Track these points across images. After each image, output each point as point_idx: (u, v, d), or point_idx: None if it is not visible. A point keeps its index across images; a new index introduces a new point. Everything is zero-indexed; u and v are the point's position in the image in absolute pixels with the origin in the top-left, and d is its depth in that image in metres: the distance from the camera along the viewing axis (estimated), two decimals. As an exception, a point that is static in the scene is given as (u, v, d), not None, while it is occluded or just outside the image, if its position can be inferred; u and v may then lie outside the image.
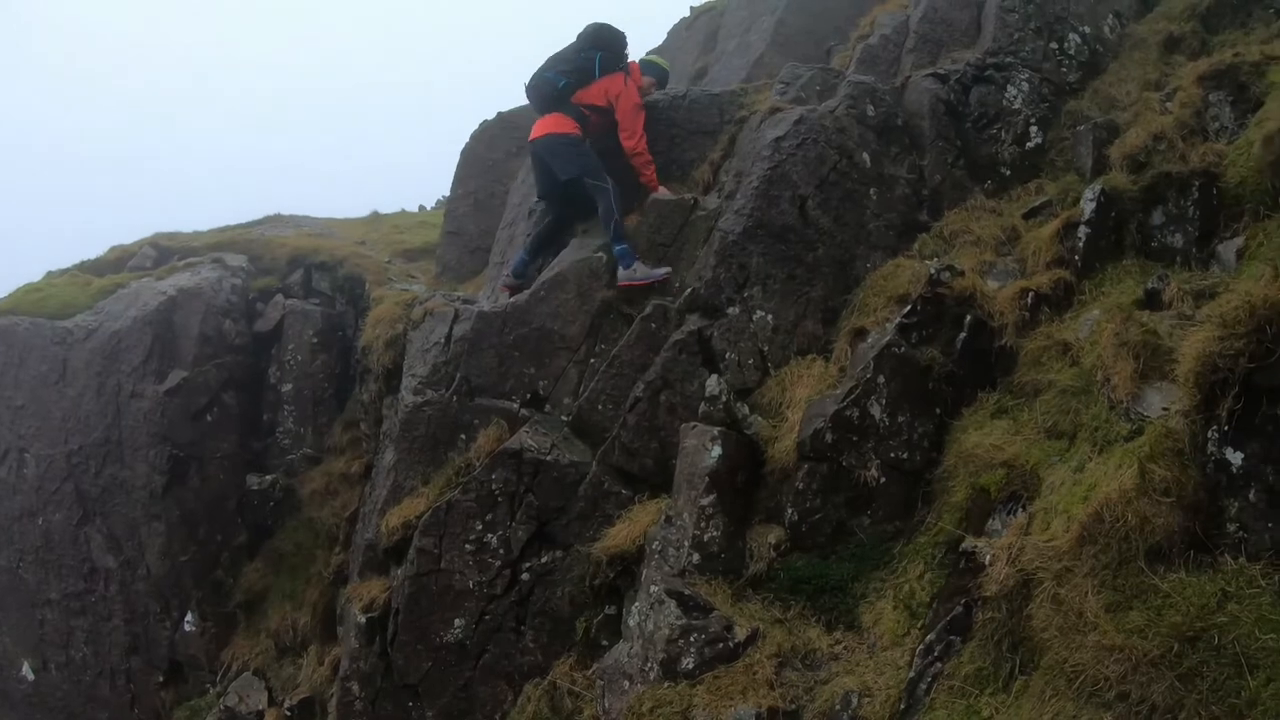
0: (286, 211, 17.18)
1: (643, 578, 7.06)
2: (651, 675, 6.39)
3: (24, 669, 12.53)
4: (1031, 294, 7.26)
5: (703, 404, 7.33)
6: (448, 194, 14.83)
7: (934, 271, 7.38)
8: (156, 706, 11.73)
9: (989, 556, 5.43)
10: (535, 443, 8.14)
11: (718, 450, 6.90)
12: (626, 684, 6.64)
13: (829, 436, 6.83)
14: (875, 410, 6.89)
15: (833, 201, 8.61)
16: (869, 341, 7.46)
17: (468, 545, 8.07)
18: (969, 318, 7.20)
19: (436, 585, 8.12)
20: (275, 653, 11.20)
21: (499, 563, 8.02)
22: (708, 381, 7.41)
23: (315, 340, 12.65)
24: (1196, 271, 7.05)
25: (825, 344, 8.07)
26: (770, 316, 8.13)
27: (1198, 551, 4.42)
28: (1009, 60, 9.93)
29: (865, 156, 8.93)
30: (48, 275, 15.39)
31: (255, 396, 12.72)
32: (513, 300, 8.97)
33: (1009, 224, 8.55)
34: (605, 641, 7.45)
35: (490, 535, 8.06)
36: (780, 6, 13.79)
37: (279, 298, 13.22)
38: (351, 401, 12.25)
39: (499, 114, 13.99)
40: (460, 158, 14.02)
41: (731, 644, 6.27)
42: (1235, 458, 4.41)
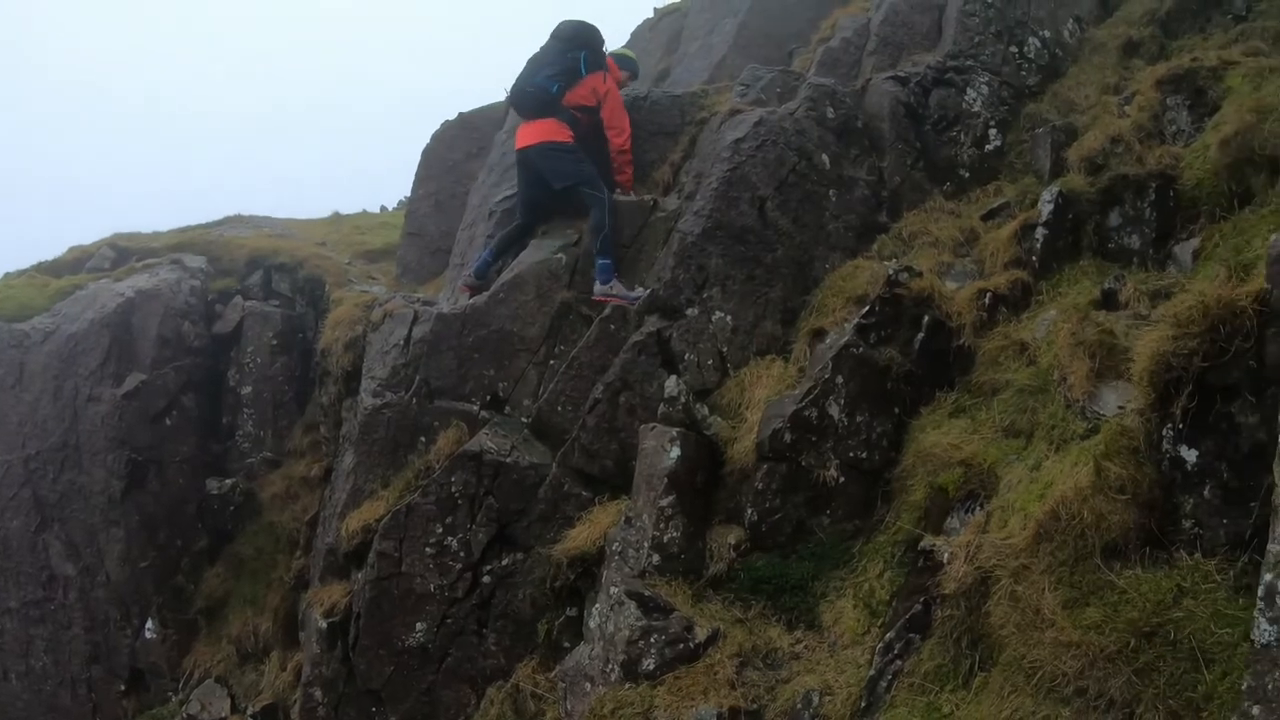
0: (247, 212, 17.03)
1: (603, 579, 7.05)
2: (613, 677, 6.38)
3: (-16, 679, 12.35)
4: (989, 294, 7.30)
5: (662, 405, 7.32)
6: (409, 195, 14.78)
7: (892, 272, 7.40)
8: (118, 715, 11.58)
9: (947, 555, 5.46)
10: (495, 445, 8.11)
11: (677, 451, 6.90)
12: (588, 686, 6.63)
13: (788, 436, 6.84)
14: (834, 410, 6.91)
15: (792, 203, 8.64)
16: (827, 342, 7.49)
17: (428, 548, 8.04)
18: (927, 318, 7.23)
19: (397, 589, 8.08)
20: (237, 659, 11.10)
21: (460, 565, 8.00)
22: (667, 382, 7.40)
23: (275, 342, 12.55)
24: (1153, 272, 7.11)
25: (784, 345, 8.09)
26: (729, 317, 8.14)
27: (1153, 548, 4.46)
28: (969, 64, 10.01)
29: (825, 158, 8.96)
30: (5, 277, 15.22)
31: (214, 399, 12.61)
32: (472, 302, 8.93)
33: (967, 225, 8.61)
34: (567, 643, 7.44)
35: (451, 538, 8.03)
36: (743, 9, 13.82)
37: (238, 299, 13.10)
38: (311, 404, 12.17)
39: (460, 115, 13.93)
40: (421, 158, 13.96)
41: (692, 644, 6.26)
42: (1190, 455, 4.45)
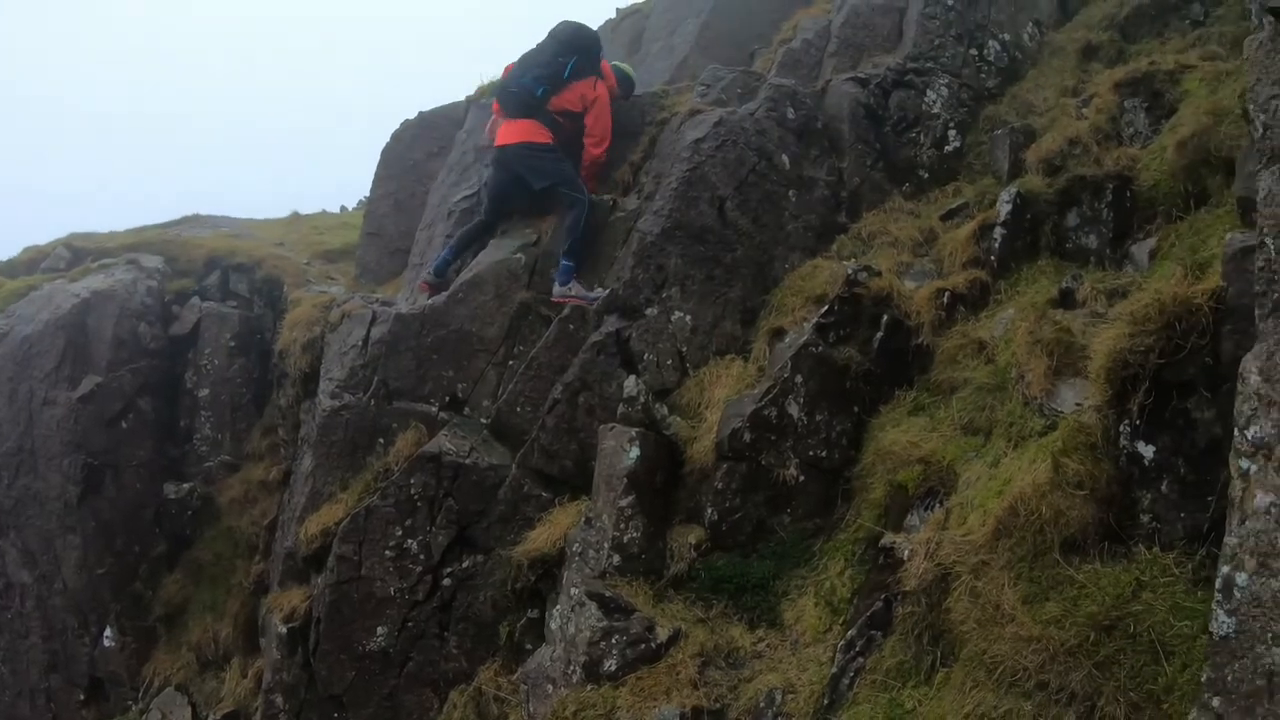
0: (205, 212, 16.83)
1: (564, 580, 7.03)
2: (574, 678, 6.36)
3: (-60, 690, 12.12)
4: (948, 294, 7.36)
5: (621, 405, 7.31)
6: (368, 195, 14.64)
7: (851, 272, 7.44)
8: (79, 725, 11.42)
9: (908, 552, 5.50)
10: (454, 446, 8.07)
11: (636, 451, 6.88)
12: (550, 688, 6.61)
13: (747, 436, 6.86)
14: (793, 409, 6.93)
15: (751, 203, 8.65)
16: (787, 341, 7.51)
17: (388, 551, 7.97)
18: (886, 317, 7.27)
19: (357, 593, 8.01)
20: (197, 667, 10.94)
21: (420, 568, 7.94)
22: (626, 382, 7.39)
23: (232, 344, 12.38)
24: (1110, 271, 7.18)
25: (744, 344, 8.10)
26: (689, 317, 8.13)
27: (1112, 542, 4.51)
28: (929, 66, 10.08)
29: (784, 158, 8.98)
30: (-40, 277, 14.93)
31: (171, 402, 12.41)
32: (430, 302, 8.88)
33: (926, 225, 8.67)
34: (529, 645, 7.41)
35: (410, 541, 7.97)
36: (705, 9, 13.81)
37: (195, 300, 12.90)
38: (269, 406, 12.02)
39: (420, 113, 13.79)
40: (380, 157, 13.80)
41: (654, 645, 6.26)
42: (1147, 451, 4.51)
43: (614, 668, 6.24)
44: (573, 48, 9.16)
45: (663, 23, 14.69)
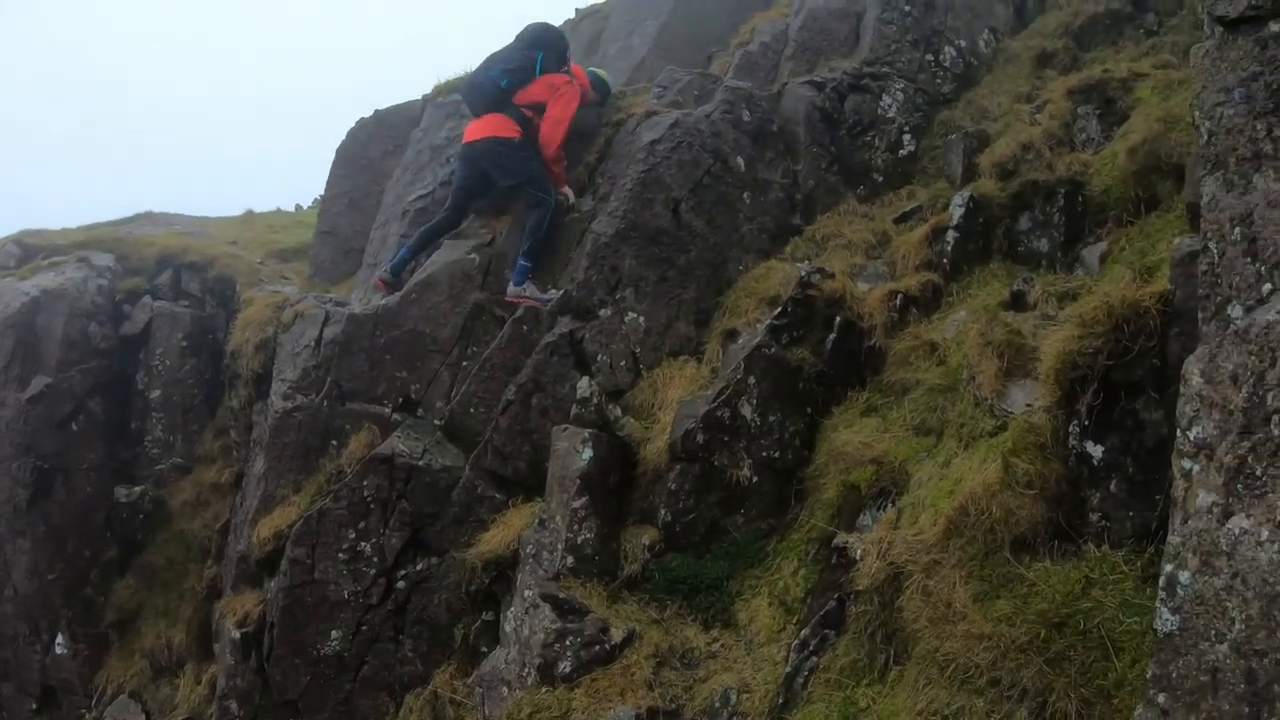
0: (159, 209, 16.57)
1: (518, 582, 7.03)
2: (529, 680, 6.36)
3: (-108, 700, 11.87)
4: (900, 296, 7.41)
5: (574, 406, 7.31)
6: (323, 193, 14.47)
7: (805, 274, 7.49)
8: (31, 734, 11.23)
9: (860, 551, 5.53)
10: (407, 447, 8.04)
11: (589, 452, 6.88)
12: (505, 690, 6.60)
13: (700, 437, 6.87)
14: (746, 410, 6.95)
15: (706, 205, 8.66)
16: (740, 343, 7.53)
17: (341, 554, 7.92)
18: (839, 319, 7.33)
19: (311, 597, 7.95)
20: (151, 673, 10.79)
21: (374, 571, 7.90)
22: (579, 384, 7.40)
23: (184, 344, 12.21)
24: (1061, 274, 7.25)
25: (697, 345, 8.11)
26: (642, 318, 8.12)
27: (1062, 541, 4.57)
28: (885, 70, 10.15)
29: (740, 161, 9.00)
30: (-94, 275, 14.62)
31: (122, 403, 12.23)
32: (384, 302, 8.83)
33: (880, 228, 8.72)
34: (484, 648, 7.39)
35: (364, 543, 7.93)
36: (664, 11, 13.79)
37: (147, 299, 12.69)
38: (222, 408, 11.89)
39: (376, 112, 13.61)
40: (335, 156, 13.59)
41: (608, 646, 6.27)
42: (1096, 451, 4.57)
43: (569, 669, 6.24)
44: (539, 43, 9.14)
45: (621, 24, 14.67)
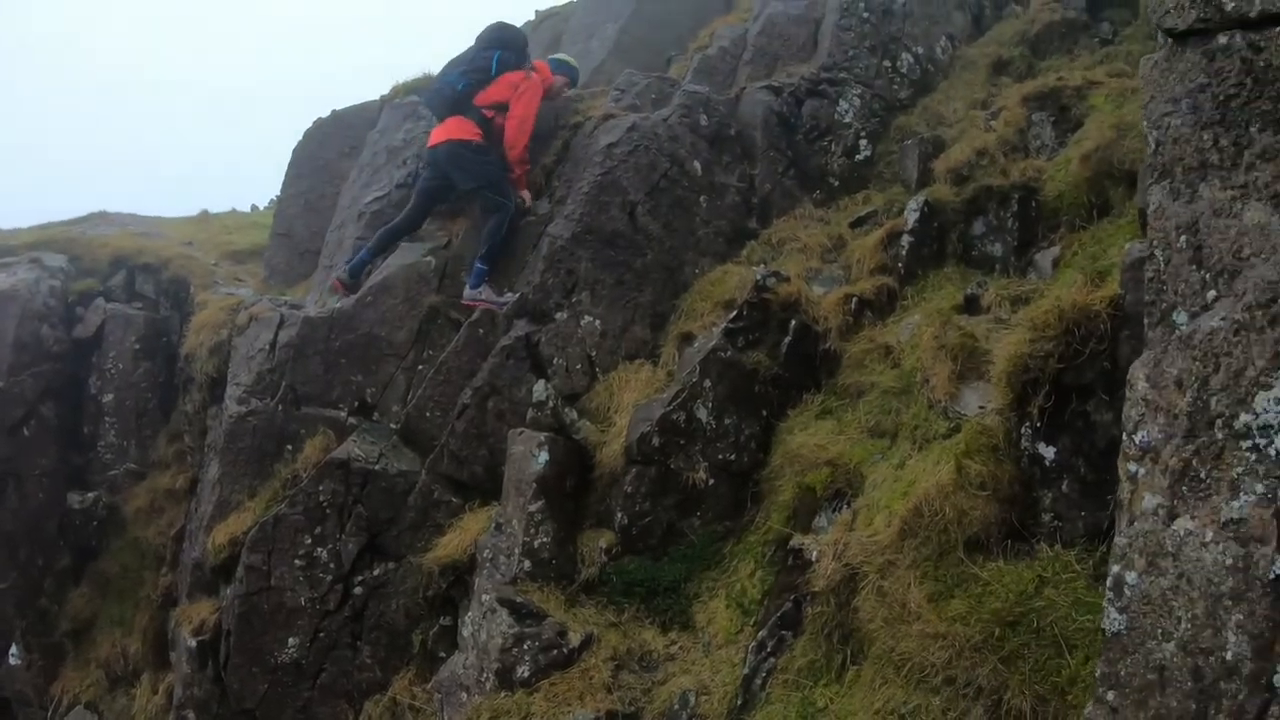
0: (113, 209, 16.32)
1: (475, 587, 7.01)
2: (488, 685, 6.33)
3: None
4: (855, 299, 7.46)
5: (530, 410, 7.32)
6: (279, 194, 14.35)
7: (760, 277, 7.51)
8: (-15, 748, 11.04)
9: (816, 553, 5.55)
10: (363, 452, 7.99)
11: (545, 456, 6.88)
12: (464, 696, 6.58)
13: (656, 440, 6.88)
14: (702, 413, 6.97)
15: (663, 208, 8.69)
16: (695, 346, 7.55)
17: (297, 560, 7.87)
18: (794, 322, 7.36)
19: (268, 604, 7.89)
20: (107, 684, 10.62)
21: (330, 577, 7.85)
22: (535, 387, 7.42)
23: (138, 347, 12.03)
24: (1014, 279, 7.33)
25: (653, 349, 8.13)
26: (598, 322, 8.13)
27: (1015, 541, 4.61)
28: (843, 76, 10.24)
29: (697, 165, 9.04)
30: None
31: (75, 408, 12.03)
32: (339, 305, 8.79)
33: (836, 232, 8.77)
34: (443, 653, 7.36)
35: (320, 549, 7.88)
36: (624, 14, 13.81)
37: (100, 301, 12.48)
38: (176, 412, 11.74)
39: (333, 112, 13.50)
40: (291, 157, 13.46)
41: (566, 650, 6.26)
42: (1048, 452, 4.62)
43: (527, 674, 6.22)
44: (496, 42, 9.12)
45: (581, 26, 14.67)
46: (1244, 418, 2.82)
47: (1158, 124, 3.49)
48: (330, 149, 13.13)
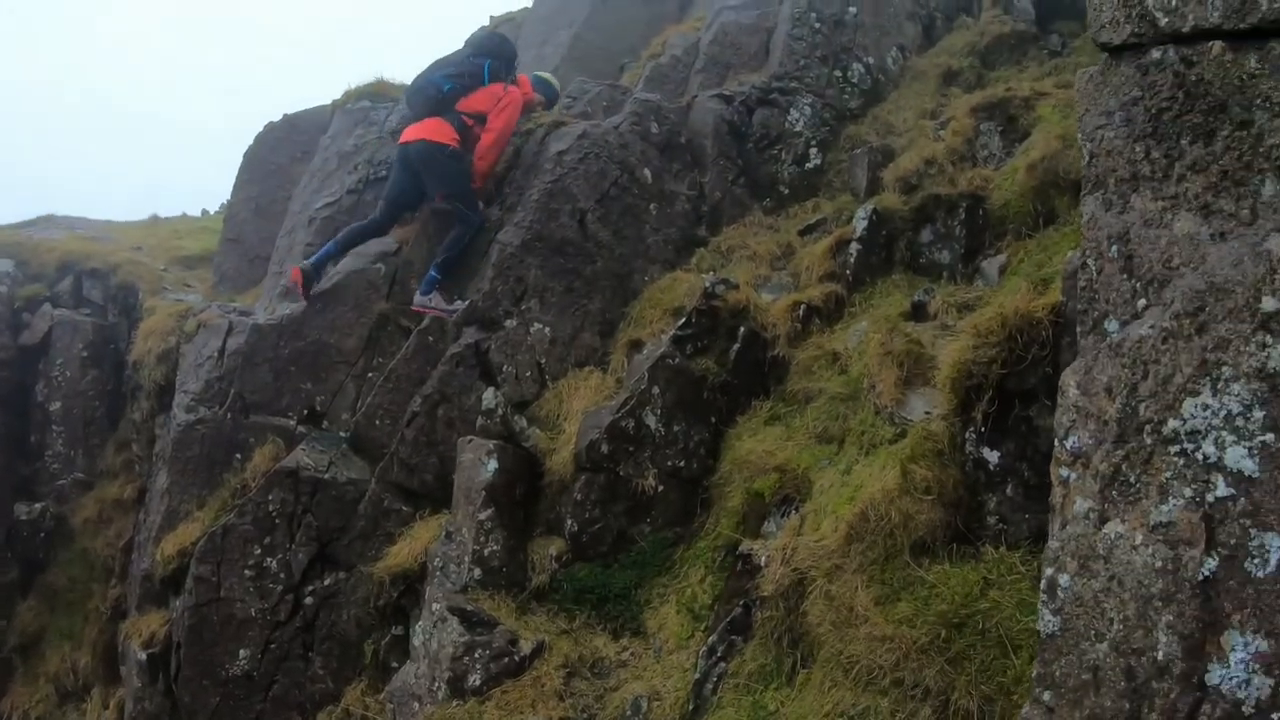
0: (61, 212, 16.09)
1: (426, 595, 6.97)
2: (440, 695, 6.29)
3: None
4: (804, 306, 7.50)
5: (480, 417, 7.32)
6: (229, 199, 14.21)
7: (709, 285, 7.55)
8: (-66, 767, 10.82)
9: (765, 558, 5.58)
10: (312, 460, 7.94)
11: (494, 464, 6.87)
12: (416, 705, 6.52)
13: (605, 447, 6.88)
14: (651, 420, 6.98)
15: (613, 216, 8.72)
16: (644, 353, 7.56)
17: (247, 571, 7.80)
18: (743, 329, 7.40)
19: (218, 615, 7.80)
20: (57, 699, 10.44)
21: (281, 588, 7.78)
22: (484, 395, 7.41)
23: (86, 354, 11.87)
24: (961, 286, 7.41)
25: (603, 356, 8.14)
26: (548, 329, 8.13)
27: (960, 544, 4.64)
28: (794, 85, 10.33)
29: (647, 172, 9.08)
30: None
31: (21, 416, 11.85)
32: (288, 313, 8.73)
33: (785, 240, 8.84)
34: (395, 663, 7.31)
35: (270, 559, 7.81)
36: (578, 21, 13.88)
37: (47, 307, 12.31)
38: (124, 421, 11.61)
39: (285, 116, 13.42)
40: (242, 161, 13.38)
41: (517, 658, 6.22)
42: (992, 456, 4.66)
43: (478, 682, 6.18)
44: (488, 51, 9.08)
45: (536, 32, 14.71)
46: (1172, 423, 2.87)
47: (1092, 136, 3.55)
48: (281, 153, 13.06)
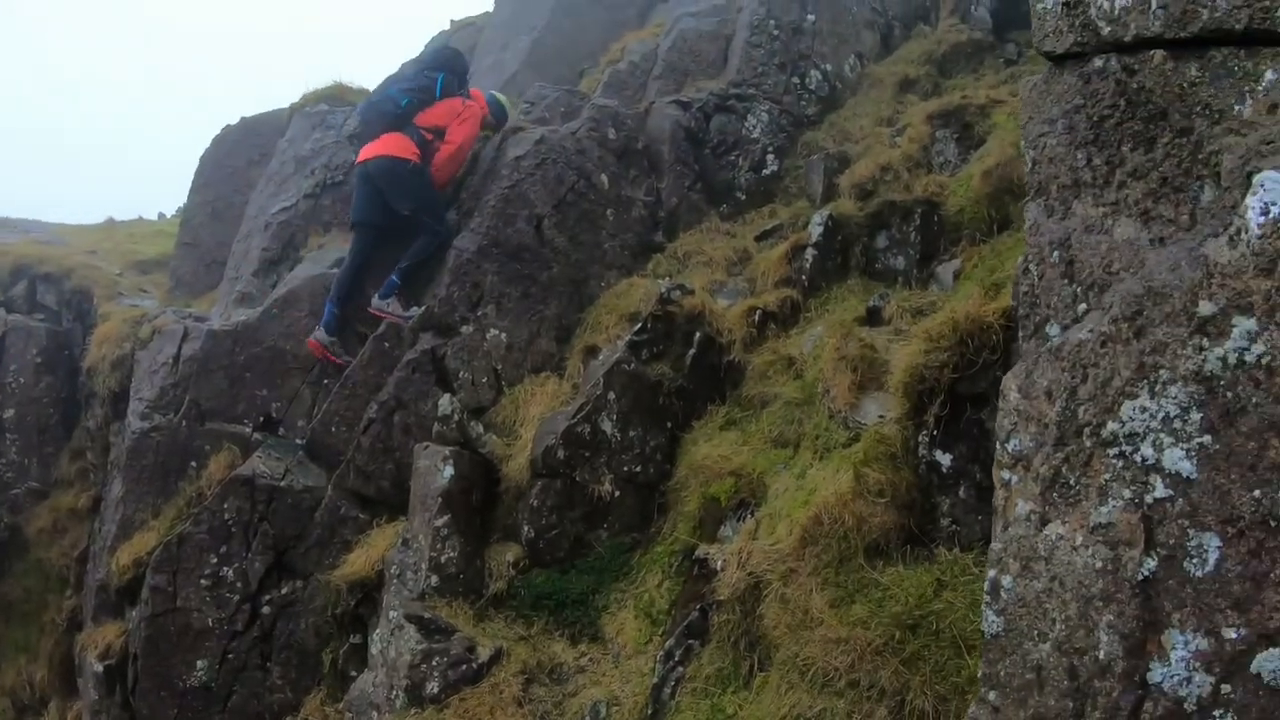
0: (15, 215, 15.89)
1: (383, 603, 6.94)
2: (398, 703, 6.29)
3: None
4: (760, 312, 7.55)
5: (436, 424, 7.29)
6: (185, 202, 14.06)
7: (665, 290, 7.59)
8: (-112, 786, 10.63)
9: (721, 562, 5.59)
10: (268, 468, 7.91)
11: (450, 470, 6.85)
12: (375, 714, 6.55)
13: (561, 453, 6.90)
14: (607, 426, 7.00)
15: (569, 221, 8.73)
16: (600, 359, 7.58)
17: (203, 580, 7.75)
18: (699, 335, 7.44)
19: (174, 625, 7.75)
20: (14, 712, 10.31)
21: (238, 597, 7.74)
22: (441, 401, 7.38)
23: (39, 360, 11.67)
24: (916, 291, 7.47)
25: (559, 362, 8.16)
26: (504, 335, 8.14)
27: (914, 546, 4.70)
28: (751, 92, 10.39)
29: (604, 178, 9.10)
30: None
31: (-27, 424, 11.73)
32: (243, 319, 8.70)
33: (741, 246, 8.90)
34: (353, 672, 7.28)
35: (226, 568, 7.77)
36: (538, 27, 13.86)
37: (0, 312, 12.21)
38: (78, 428, 11.47)
39: (242, 119, 13.24)
40: (199, 164, 13.18)
41: (475, 665, 6.24)
42: (944, 459, 4.73)
43: (437, 690, 6.19)
44: (441, 65, 9.03)
45: (496, 37, 14.69)
46: (1111, 426, 2.90)
47: (1035, 144, 3.59)
48: (239, 156, 12.92)
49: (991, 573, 3.18)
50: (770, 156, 10.03)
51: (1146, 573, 2.78)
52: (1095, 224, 3.31)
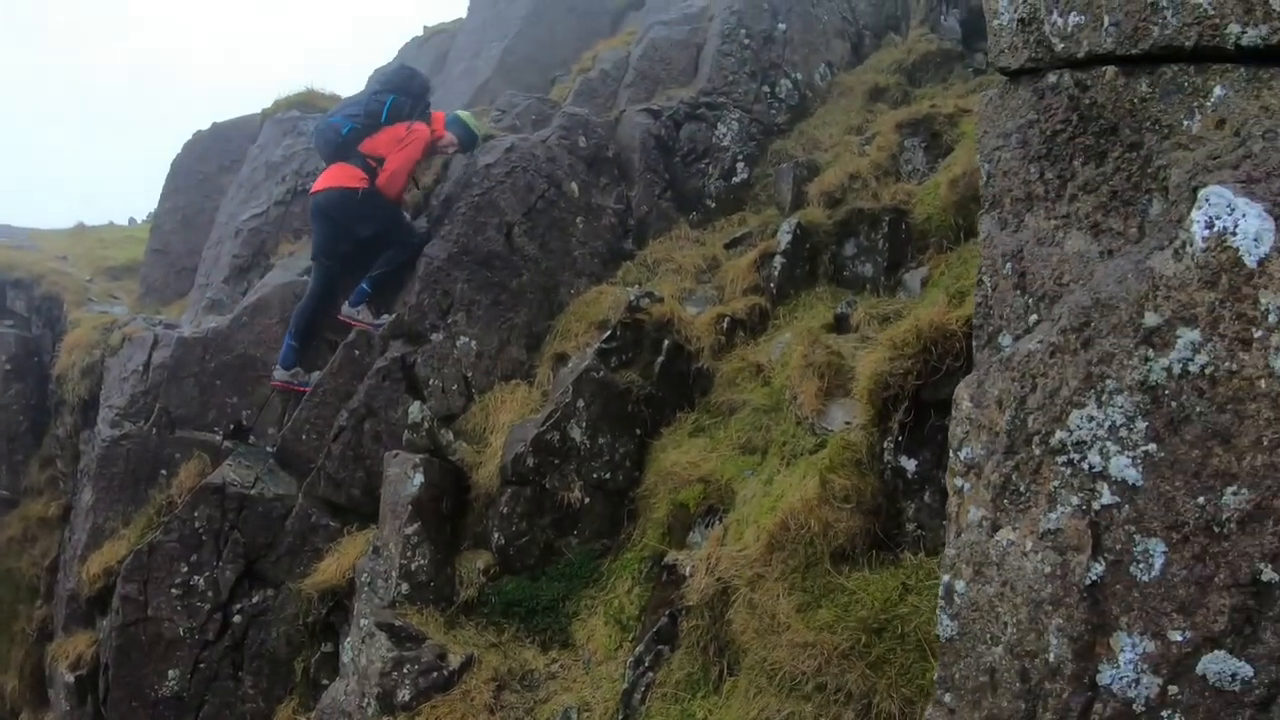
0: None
1: (354, 611, 6.93)
2: (369, 711, 6.27)
3: None
4: (728, 319, 7.60)
5: (406, 431, 7.29)
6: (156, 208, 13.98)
7: (634, 298, 7.63)
8: None
9: (690, 568, 5.63)
10: (238, 476, 7.89)
11: (420, 478, 6.86)
12: (347, 722, 6.50)
13: (531, 460, 6.93)
14: (576, 433, 7.03)
15: (539, 229, 8.76)
16: (569, 366, 7.62)
17: (174, 589, 7.71)
18: (668, 342, 7.48)
19: (145, 635, 7.71)
20: (-15, 724, 10.30)
21: (209, 606, 7.71)
22: (411, 408, 7.38)
23: (9, 367, 11.60)
24: (884, 298, 7.52)
25: (529, 369, 8.20)
26: (474, 343, 8.16)
27: (879, 550, 4.74)
28: (722, 100, 10.44)
29: (574, 186, 9.13)
30: None
31: (-57, 432, 11.63)
32: (214, 326, 8.67)
33: (710, 253, 8.95)
34: (325, 680, 7.26)
35: (197, 577, 7.73)
36: (510, 34, 13.90)
37: (-31, 318, 12.15)
38: (48, 436, 11.40)
39: (214, 125, 13.16)
40: (170, 170, 13.08)
41: (447, 672, 6.23)
42: (910, 465, 4.77)
43: (408, 697, 6.18)
44: (394, 86, 8.65)
45: (469, 44, 14.70)
46: (1059, 434, 2.95)
47: (990, 157, 3.64)
48: (210, 162, 12.88)
49: (945, 577, 3.23)
50: (740, 164, 10.09)
51: (1094, 577, 2.82)
52: (1047, 236, 3.36)
